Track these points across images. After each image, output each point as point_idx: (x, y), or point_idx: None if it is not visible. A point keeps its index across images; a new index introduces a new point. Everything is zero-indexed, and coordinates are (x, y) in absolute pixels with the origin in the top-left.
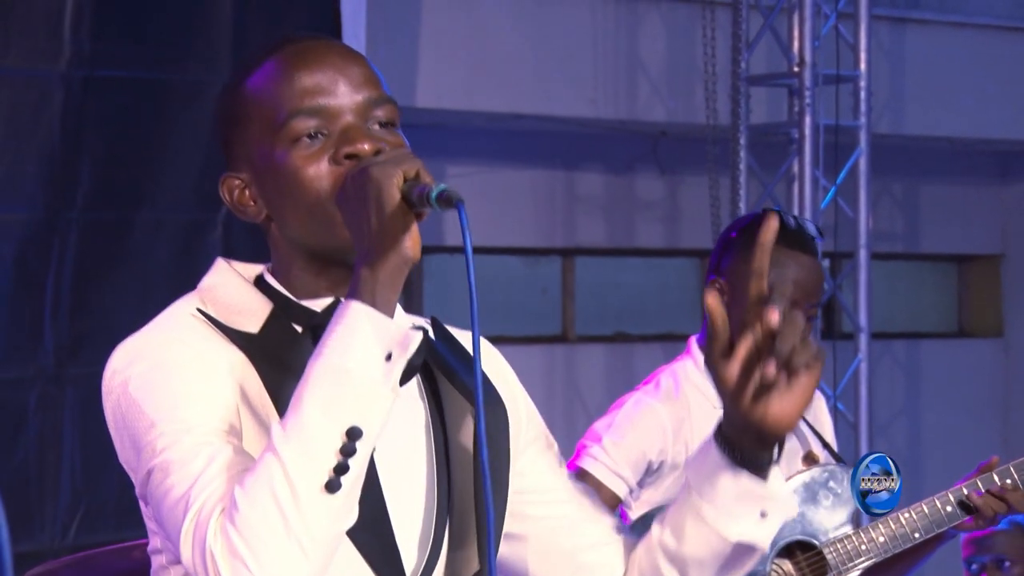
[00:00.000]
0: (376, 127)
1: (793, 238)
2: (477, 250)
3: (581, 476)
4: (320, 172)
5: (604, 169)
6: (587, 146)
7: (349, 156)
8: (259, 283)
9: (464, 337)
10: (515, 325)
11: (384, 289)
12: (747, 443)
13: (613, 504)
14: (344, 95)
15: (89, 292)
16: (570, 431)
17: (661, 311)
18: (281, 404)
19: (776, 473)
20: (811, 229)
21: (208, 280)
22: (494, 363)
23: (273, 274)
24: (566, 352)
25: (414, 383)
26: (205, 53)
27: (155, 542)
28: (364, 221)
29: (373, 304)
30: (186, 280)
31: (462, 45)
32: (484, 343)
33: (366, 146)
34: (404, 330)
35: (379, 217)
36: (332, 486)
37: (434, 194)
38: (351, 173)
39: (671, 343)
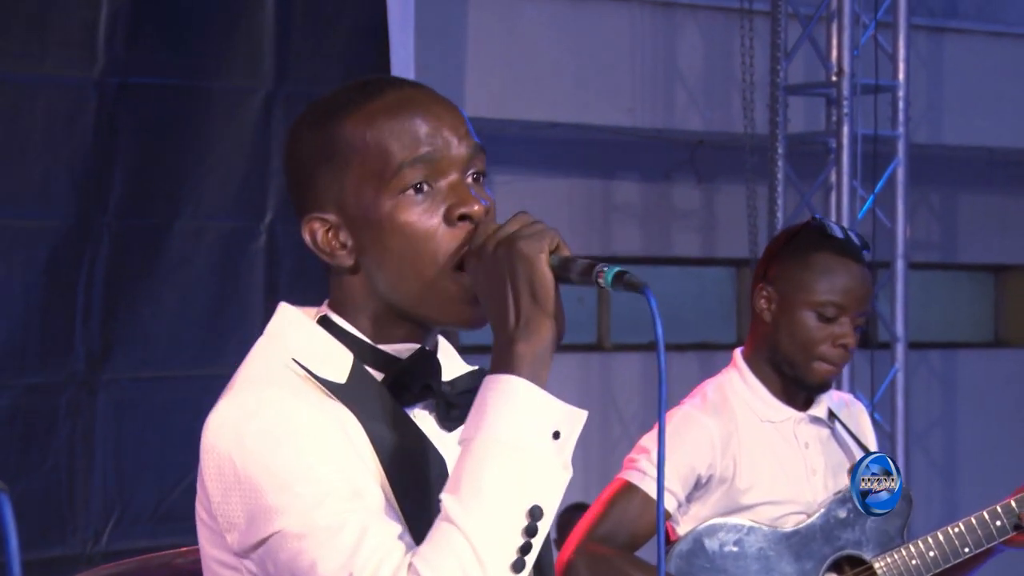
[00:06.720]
0: (470, 180)
1: (842, 246)
2: None
3: (629, 491)
4: (432, 229)
5: (641, 178)
6: (624, 155)
7: (463, 217)
8: (326, 325)
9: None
10: None
11: (545, 367)
12: None
13: None
14: (451, 147)
15: (121, 299)
16: (605, 440)
17: (697, 320)
18: (383, 457)
19: None
20: (856, 239)
21: (284, 327)
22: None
23: (340, 314)
24: (602, 361)
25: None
26: (247, 60)
27: None
28: (514, 298)
29: (535, 381)
30: (227, 288)
31: (500, 54)
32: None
33: (476, 207)
34: (570, 408)
35: (533, 295)
36: (518, 566)
37: (609, 277)
38: (488, 247)
39: (707, 352)
